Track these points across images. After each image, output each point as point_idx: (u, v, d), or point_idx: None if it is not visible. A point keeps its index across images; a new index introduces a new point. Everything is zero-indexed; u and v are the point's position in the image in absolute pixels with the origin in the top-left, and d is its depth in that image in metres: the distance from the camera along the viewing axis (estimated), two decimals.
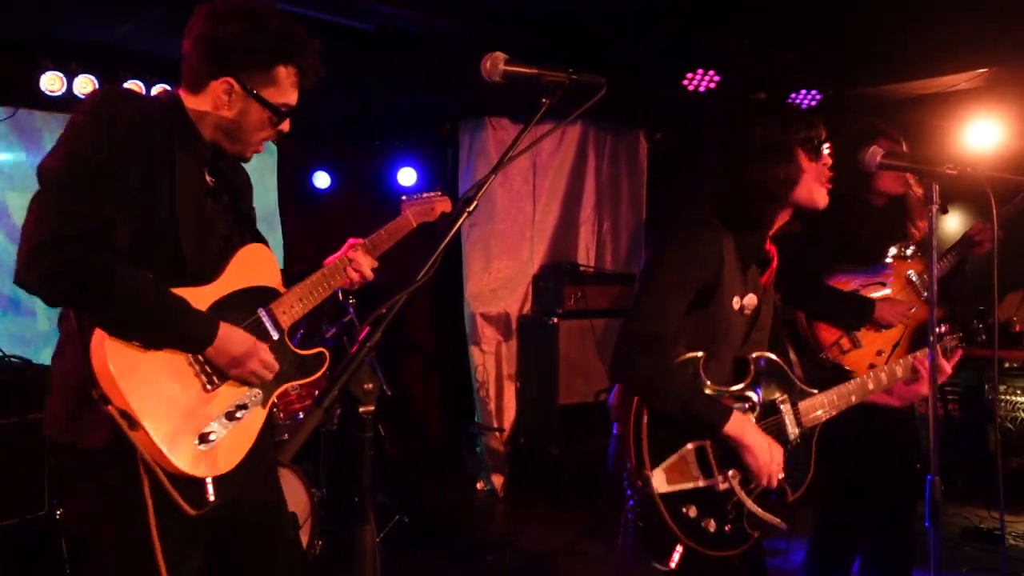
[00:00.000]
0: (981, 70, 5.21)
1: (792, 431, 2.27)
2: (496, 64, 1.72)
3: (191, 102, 1.97)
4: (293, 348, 2.08)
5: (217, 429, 1.85)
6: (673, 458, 2.11)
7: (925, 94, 5.70)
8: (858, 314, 3.32)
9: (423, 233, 2.54)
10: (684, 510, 2.10)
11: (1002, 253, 3.50)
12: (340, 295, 4.63)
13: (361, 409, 1.30)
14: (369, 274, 2.25)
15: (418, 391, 6.99)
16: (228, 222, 2.04)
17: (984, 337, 2.60)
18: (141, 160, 1.80)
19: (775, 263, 2.38)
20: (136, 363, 1.76)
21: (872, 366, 2.96)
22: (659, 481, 2.07)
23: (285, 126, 2.03)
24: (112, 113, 1.80)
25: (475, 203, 1.49)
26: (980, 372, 5.91)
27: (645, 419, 2.10)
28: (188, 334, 1.82)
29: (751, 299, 2.27)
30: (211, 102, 1.95)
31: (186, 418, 1.80)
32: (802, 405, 2.31)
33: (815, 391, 2.34)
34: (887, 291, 3.41)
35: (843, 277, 3.46)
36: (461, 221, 1.48)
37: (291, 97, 2.00)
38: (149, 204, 1.82)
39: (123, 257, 1.75)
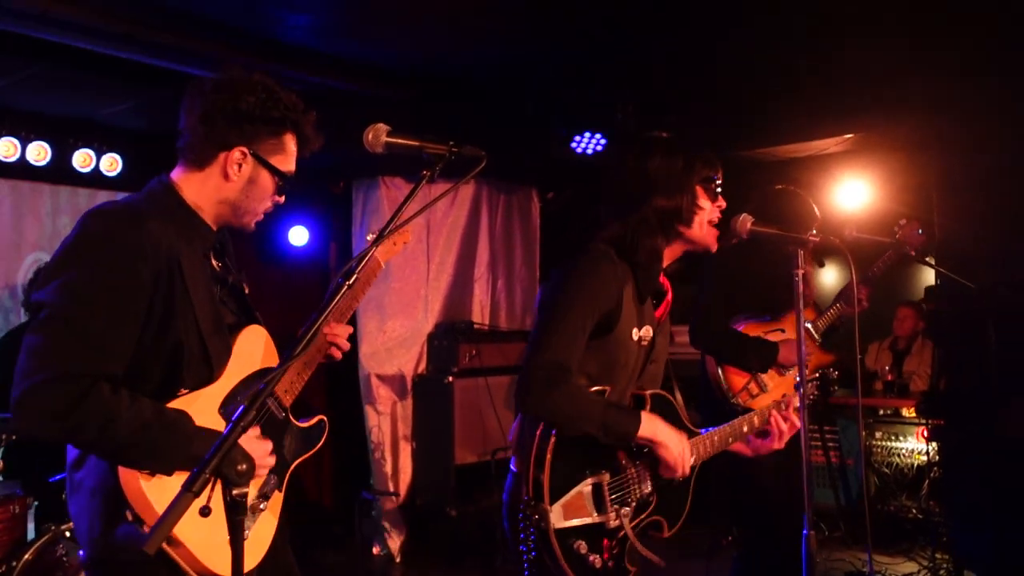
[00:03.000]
0: (848, 136, 5.56)
1: None
2: (378, 136, 1.74)
3: (192, 182, 1.97)
4: (297, 423, 2.14)
5: (246, 528, 1.83)
6: (571, 494, 2.14)
7: (799, 157, 6.04)
8: (764, 356, 3.48)
9: (313, 295, 2.49)
10: (575, 545, 2.13)
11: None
12: None
13: (235, 491, 1.26)
14: (347, 344, 2.27)
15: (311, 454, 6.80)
16: (233, 307, 2.07)
17: (836, 388, 2.74)
18: (149, 282, 1.78)
19: (669, 296, 2.45)
20: (169, 484, 1.73)
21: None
22: (556, 516, 2.10)
23: (281, 198, 2.06)
24: (110, 239, 1.78)
25: (355, 276, 1.49)
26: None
27: (549, 454, 2.12)
28: (195, 456, 1.72)
29: (647, 331, 2.34)
30: (218, 174, 1.96)
31: (218, 524, 1.74)
32: (690, 445, 2.34)
33: (700, 431, 2.41)
34: (786, 336, 3.58)
35: (746, 323, 3.62)
36: (340, 295, 1.47)
37: (293, 166, 2.05)
38: (170, 322, 1.81)
39: (121, 390, 1.72)
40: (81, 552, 1.86)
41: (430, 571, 5.54)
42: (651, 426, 2.20)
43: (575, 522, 2.13)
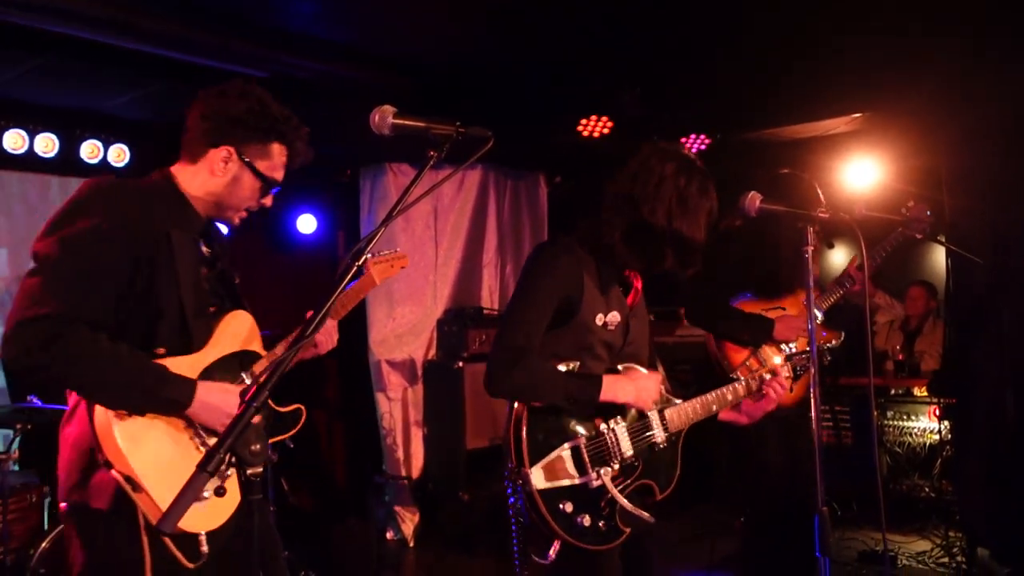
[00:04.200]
0: (856, 115, 5.53)
1: (659, 435, 2.46)
2: (385, 117, 1.75)
3: (186, 174, 2.18)
4: (273, 406, 2.23)
5: (209, 487, 1.94)
6: (550, 457, 2.28)
7: (806, 137, 6.00)
8: (759, 332, 3.50)
9: (322, 282, 2.55)
10: (561, 506, 2.26)
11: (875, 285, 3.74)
12: None
13: (249, 471, 1.27)
14: (334, 340, 2.46)
15: (323, 441, 6.84)
16: (218, 290, 2.22)
17: (829, 359, 2.77)
18: (135, 248, 1.98)
19: (638, 283, 2.57)
20: (138, 430, 1.90)
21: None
22: (537, 478, 2.24)
23: (268, 200, 2.25)
24: (106, 204, 1.98)
25: (364, 256, 1.49)
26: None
27: (524, 423, 2.28)
28: (168, 398, 1.94)
29: (614, 316, 2.45)
30: (207, 169, 2.16)
31: (183, 479, 1.86)
32: (667, 412, 2.50)
33: (679, 400, 2.53)
34: (786, 313, 3.59)
35: (747, 302, 3.63)
36: (350, 276, 1.47)
37: (278, 173, 2.24)
38: (153, 286, 1.99)
39: (102, 334, 1.90)
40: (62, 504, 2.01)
41: (444, 555, 5.57)
42: (611, 390, 2.34)
43: (557, 483, 2.26)
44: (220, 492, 1.39)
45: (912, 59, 4.66)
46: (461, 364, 5.83)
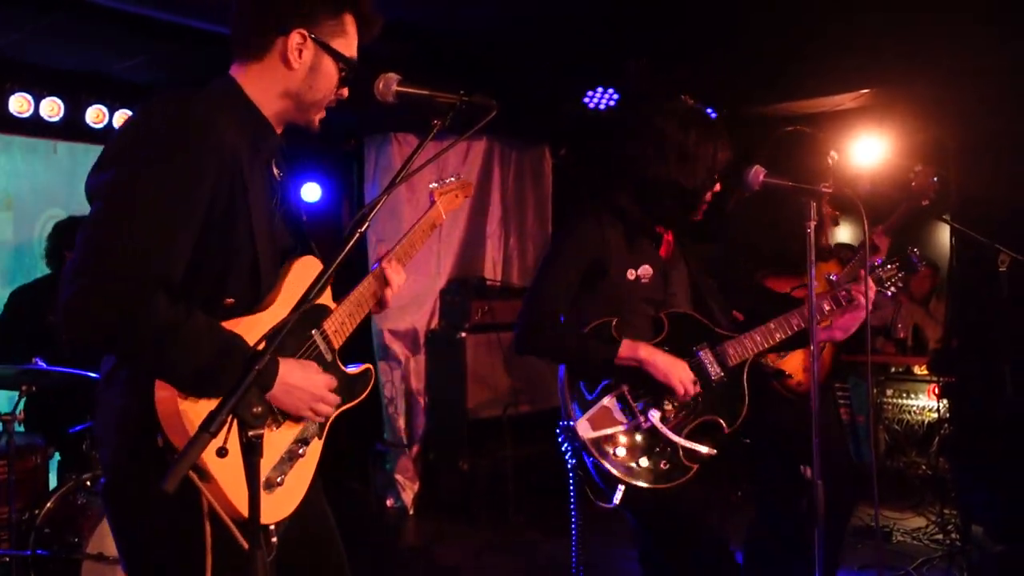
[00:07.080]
0: (864, 91, 5.50)
1: (714, 371, 2.50)
2: (389, 85, 1.75)
3: (251, 76, 1.78)
4: (343, 369, 1.95)
5: (281, 474, 1.76)
6: (595, 408, 2.40)
7: (814, 112, 5.97)
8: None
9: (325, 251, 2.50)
10: (613, 451, 2.35)
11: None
12: None
13: (251, 433, 1.29)
14: (401, 283, 2.15)
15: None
16: (289, 231, 1.87)
17: (923, 262, 2.75)
18: (211, 178, 1.59)
19: (668, 236, 2.64)
20: (205, 411, 1.50)
21: (807, 369, 3.09)
22: (584, 429, 2.35)
23: (344, 91, 1.86)
24: (174, 127, 1.58)
25: (367, 224, 1.50)
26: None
27: (568, 381, 2.44)
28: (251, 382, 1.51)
29: (646, 269, 2.53)
30: (279, 64, 1.76)
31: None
32: (722, 348, 2.53)
33: (734, 334, 2.55)
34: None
35: (774, 280, 3.61)
36: (352, 242, 1.48)
37: (355, 51, 1.84)
38: (228, 224, 1.64)
39: (177, 300, 1.54)
40: (102, 479, 1.70)
41: (443, 523, 5.63)
42: (632, 348, 2.39)
43: (607, 431, 2.36)
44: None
45: (918, 33, 4.63)
46: (463, 334, 5.86)
